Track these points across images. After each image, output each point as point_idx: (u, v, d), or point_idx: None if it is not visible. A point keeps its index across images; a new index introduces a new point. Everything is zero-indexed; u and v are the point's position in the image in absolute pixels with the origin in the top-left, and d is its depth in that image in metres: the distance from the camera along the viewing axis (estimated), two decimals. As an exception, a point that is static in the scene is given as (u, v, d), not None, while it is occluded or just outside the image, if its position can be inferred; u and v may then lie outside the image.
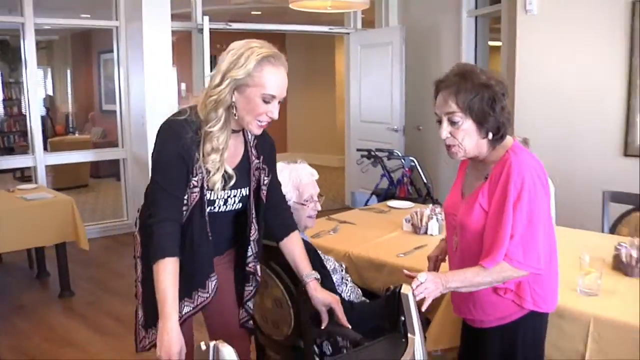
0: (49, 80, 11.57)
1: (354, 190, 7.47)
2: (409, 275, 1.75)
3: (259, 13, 8.81)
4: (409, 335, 1.62)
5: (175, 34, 5.71)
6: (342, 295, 2.29)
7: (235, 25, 6.59)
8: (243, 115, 1.79)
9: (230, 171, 1.85)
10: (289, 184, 2.33)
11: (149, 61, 5.38)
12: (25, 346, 3.61)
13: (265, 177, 2.00)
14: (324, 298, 2.04)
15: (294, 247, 2.10)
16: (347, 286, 2.37)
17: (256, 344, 2.59)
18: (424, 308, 1.69)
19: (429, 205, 3.31)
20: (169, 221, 1.74)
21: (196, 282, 1.91)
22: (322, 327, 2.06)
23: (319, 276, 2.09)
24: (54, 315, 4.12)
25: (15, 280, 4.89)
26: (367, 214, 3.69)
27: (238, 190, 1.93)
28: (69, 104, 11.39)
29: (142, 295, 1.97)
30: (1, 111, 10.50)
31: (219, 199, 1.89)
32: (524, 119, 4.65)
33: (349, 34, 7.29)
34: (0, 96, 10.44)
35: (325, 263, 2.30)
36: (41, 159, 5.81)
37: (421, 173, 6.04)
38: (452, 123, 1.81)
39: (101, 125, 9.92)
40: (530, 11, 4.65)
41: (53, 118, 10.84)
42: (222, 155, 1.80)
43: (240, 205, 1.96)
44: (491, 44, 6.77)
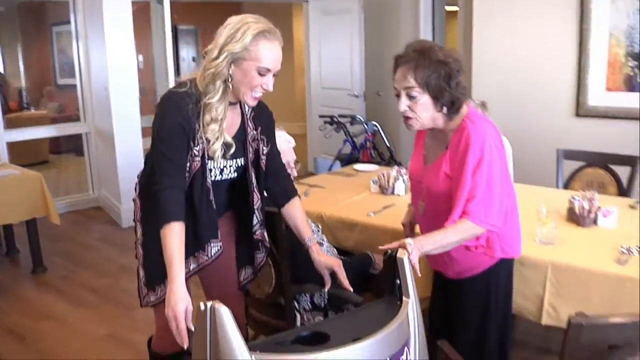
0: (-3, 56, 11.18)
1: (317, 156, 7.56)
2: (384, 250, 1.80)
3: (216, -19, 8.68)
4: (404, 298, 1.67)
5: (132, 4, 5.62)
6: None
7: (194, -5, 6.52)
8: (239, 87, 1.87)
9: (230, 140, 1.94)
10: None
11: (110, 33, 5.30)
12: (3, 322, 3.62)
13: (264, 147, 2.08)
14: (327, 261, 2.11)
15: (295, 212, 2.19)
16: (323, 246, 2.49)
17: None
18: (419, 273, 1.77)
19: (395, 167, 3.46)
20: (173, 188, 1.82)
21: (199, 243, 2.00)
22: (326, 289, 2.12)
23: (321, 240, 2.17)
24: (29, 291, 4.14)
25: (-16, 259, 4.86)
26: (335, 177, 3.82)
27: (234, 161, 2.02)
28: (22, 79, 11.06)
29: (142, 257, 2.07)
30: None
31: (214, 168, 1.98)
32: (481, 82, 4.81)
33: (307, 1, 7.30)
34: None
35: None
36: (1, 135, 5.71)
37: (384, 137, 6.19)
38: (410, 97, 1.92)
39: (57, 100, 9.68)
40: (485, -23, 4.77)
41: (6, 94, 10.52)
42: (220, 125, 1.89)
43: (235, 174, 2.05)
44: (448, 8, 6.89)
